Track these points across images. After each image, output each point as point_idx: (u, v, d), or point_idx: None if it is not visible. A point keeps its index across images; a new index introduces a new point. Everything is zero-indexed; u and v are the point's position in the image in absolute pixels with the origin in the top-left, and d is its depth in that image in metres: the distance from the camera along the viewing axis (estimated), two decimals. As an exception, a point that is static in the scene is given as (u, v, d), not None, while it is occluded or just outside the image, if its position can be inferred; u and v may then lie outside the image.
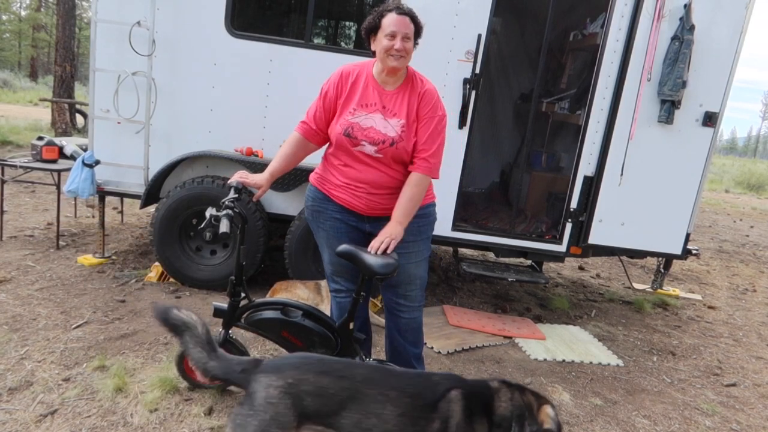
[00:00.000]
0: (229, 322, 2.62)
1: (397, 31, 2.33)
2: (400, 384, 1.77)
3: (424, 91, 2.43)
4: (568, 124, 4.90)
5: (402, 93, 2.42)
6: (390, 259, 2.35)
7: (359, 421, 1.67)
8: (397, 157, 2.40)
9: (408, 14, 2.36)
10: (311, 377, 1.68)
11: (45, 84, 25.95)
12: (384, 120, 2.39)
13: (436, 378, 1.85)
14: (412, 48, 2.39)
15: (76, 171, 3.96)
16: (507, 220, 4.67)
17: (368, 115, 2.40)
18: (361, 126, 2.39)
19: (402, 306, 2.65)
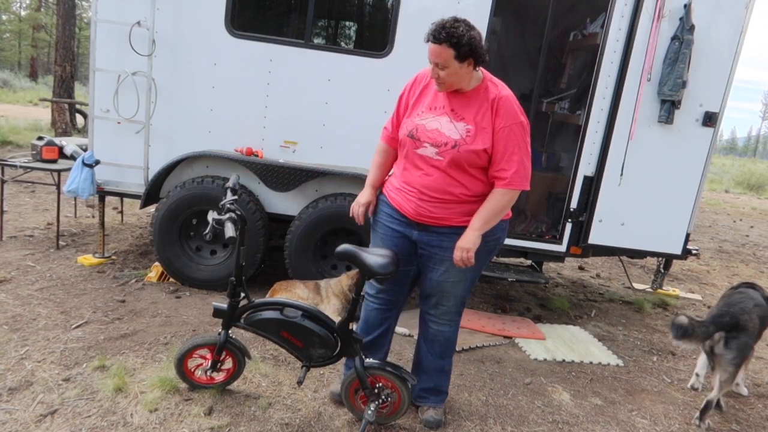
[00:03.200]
0: (229, 323, 2.62)
1: (432, 60, 2.26)
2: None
3: (500, 97, 2.30)
4: (568, 124, 4.90)
5: (473, 98, 2.34)
6: (390, 259, 2.35)
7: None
8: (456, 161, 2.31)
9: (443, 41, 2.19)
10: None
11: (45, 84, 25.96)
12: (450, 123, 2.33)
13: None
14: (453, 72, 2.24)
15: (76, 171, 3.96)
16: (507, 220, 4.66)
17: (435, 118, 2.36)
18: (426, 128, 2.36)
19: (431, 317, 2.64)
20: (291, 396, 2.80)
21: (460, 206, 2.38)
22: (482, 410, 2.90)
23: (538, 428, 2.81)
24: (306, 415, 2.65)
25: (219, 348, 2.64)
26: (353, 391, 2.60)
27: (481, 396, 3.05)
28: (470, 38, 2.19)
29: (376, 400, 2.50)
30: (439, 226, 2.41)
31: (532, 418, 2.89)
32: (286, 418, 2.61)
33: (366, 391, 2.50)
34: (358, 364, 2.48)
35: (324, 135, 3.96)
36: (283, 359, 3.16)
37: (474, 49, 2.20)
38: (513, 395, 3.10)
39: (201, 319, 3.53)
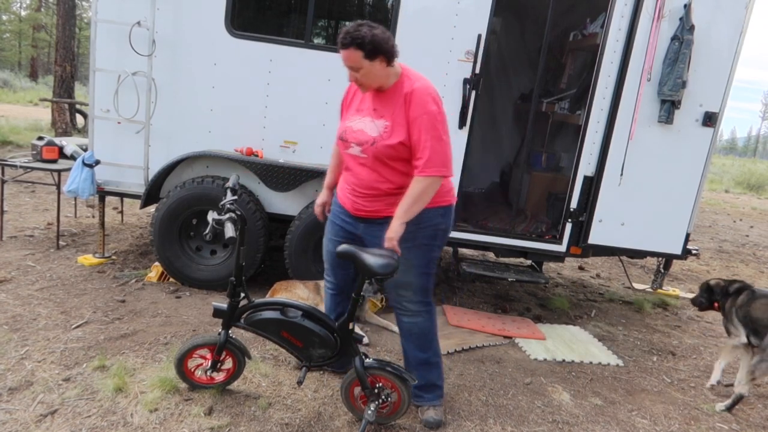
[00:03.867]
0: (229, 323, 2.62)
1: (346, 65, 2.39)
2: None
3: (411, 91, 2.38)
4: (568, 124, 4.90)
5: (391, 94, 2.45)
6: (390, 260, 2.35)
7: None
8: (378, 157, 2.44)
9: (349, 45, 2.31)
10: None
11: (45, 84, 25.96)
12: (372, 122, 2.47)
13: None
14: (367, 72, 2.35)
15: (76, 171, 3.96)
16: (507, 220, 4.67)
17: (361, 119, 2.52)
18: (353, 129, 2.52)
19: (399, 310, 2.71)
20: (291, 396, 2.80)
21: (390, 198, 2.49)
22: (482, 410, 2.90)
23: (538, 428, 2.81)
24: (306, 415, 2.65)
25: (219, 348, 2.64)
26: (353, 391, 2.60)
27: (481, 396, 3.05)
28: (373, 37, 2.29)
29: (376, 400, 2.50)
30: (377, 218, 2.53)
31: (532, 418, 2.89)
32: (286, 418, 2.61)
33: (366, 391, 2.50)
34: (358, 364, 2.48)
35: (324, 135, 3.96)
36: (283, 359, 3.16)
37: (378, 46, 2.31)
38: (513, 395, 3.10)
39: (201, 319, 3.53)
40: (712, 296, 3.54)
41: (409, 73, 2.48)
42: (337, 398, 2.81)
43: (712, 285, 3.56)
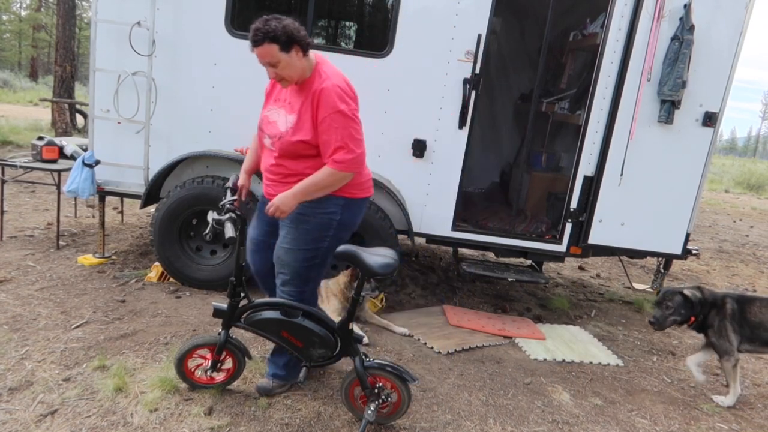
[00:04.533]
0: (229, 323, 2.62)
1: (263, 63, 2.39)
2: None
3: (320, 90, 2.36)
4: (568, 124, 4.90)
5: (304, 89, 2.45)
6: (390, 260, 2.36)
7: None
8: (285, 152, 2.46)
9: (262, 41, 2.31)
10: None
11: (45, 84, 25.95)
12: (285, 115, 2.48)
13: None
14: (286, 65, 2.36)
15: (76, 171, 3.96)
16: (507, 220, 4.67)
17: (276, 110, 2.53)
18: (269, 120, 2.55)
19: (278, 289, 2.69)
20: (291, 396, 2.80)
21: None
22: (482, 410, 2.91)
23: (538, 428, 2.81)
24: (306, 415, 2.65)
25: (219, 348, 2.64)
26: (353, 391, 2.60)
27: (481, 396, 3.05)
28: (284, 28, 2.31)
29: (376, 400, 2.50)
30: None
31: (532, 418, 2.89)
32: (286, 418, 2.61)
33: (366, 391, 2.50)
34: (358, 364, 2.48)
35: (324, 135, 3.95)
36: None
37: (292, 35, 2.32)
38: (513, 395, 3.10)
39: (201, 319, 3.53)
40: (692, 310, 3.18)
41: (322, 69, 2.45)
42: (337, 398, 2.81)
43: (690, 295, 3.16)
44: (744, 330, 3.12)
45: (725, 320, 3.11)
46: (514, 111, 6.08)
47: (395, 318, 3.94)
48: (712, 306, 3.16)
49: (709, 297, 3.17)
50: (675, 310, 3.20)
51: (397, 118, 3.92)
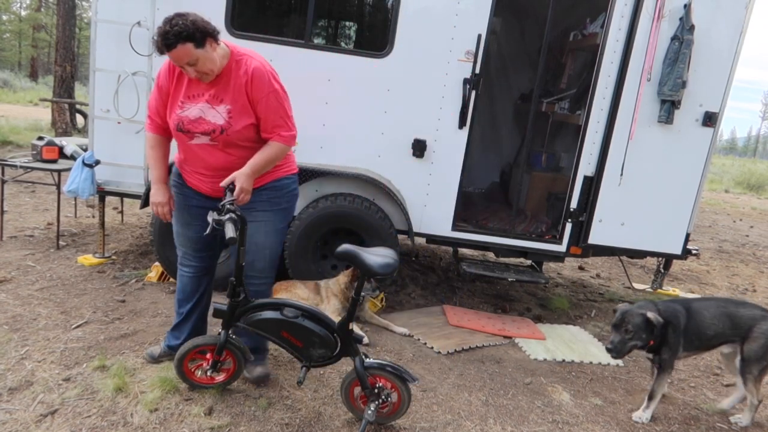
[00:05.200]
0: (229, 323, 2.62)
1: (181, 64, 2.33)
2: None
3: (251, 72, 2.40)
4: (568, 124, 4.90)
5: (226, 76, 2.43)
6: (390, 260, 2.36)
7: None
8: (230, 143, 2.48)
9: (176, 42, 2.24)
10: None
11: (45, 84, 25.94)
12: (212, 108, 2.44)
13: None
14: (204, 59, 2.32)
15: (76, 171, 3.96)
16: (507, 220, 4.67)
17: (195, 106, 2.45)
18: (190, 118, 2.46)
19: (252, 276, 2.69)
20: (291, 396, 2.80)
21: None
22: (482, 410, 2.91)
23: (538, 428, 2.81)
24: (306, 415, 2.65)
25: (219, 348, 2.64)
26: (352, 392, 2.60)
27: (481, 396, 3.05)
28: (193, 23, 2.27)
29: (376, 399, 2.50)
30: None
31: (532, 418, 2.89)
32: (286, 418, 2.61)
33: (366, 391, 2.50)
34: (358, 364, 2.48)
35: (324, 135, 3.96)
36: (283, 359, 3.16)
37: (203, 29, 2.29)
38: (513, 395, 3.10)
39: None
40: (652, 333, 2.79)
41: (239, 51, 2.46)
42: (337, 398, 2.81)
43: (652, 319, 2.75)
44: (688, 338, 2.90)
45: (680, 335, 2.87)
46: (514, 111, 6.08)
47: (395, 318, 3.94)
48: (669, 323, 2.84)
49: (667, 314, 2.84)
50: (635, 334, 2.77)
51: (397, 118, 3.92)
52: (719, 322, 2.88)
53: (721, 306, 2.94)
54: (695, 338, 2.89)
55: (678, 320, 2.85)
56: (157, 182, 2.64)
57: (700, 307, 2.93)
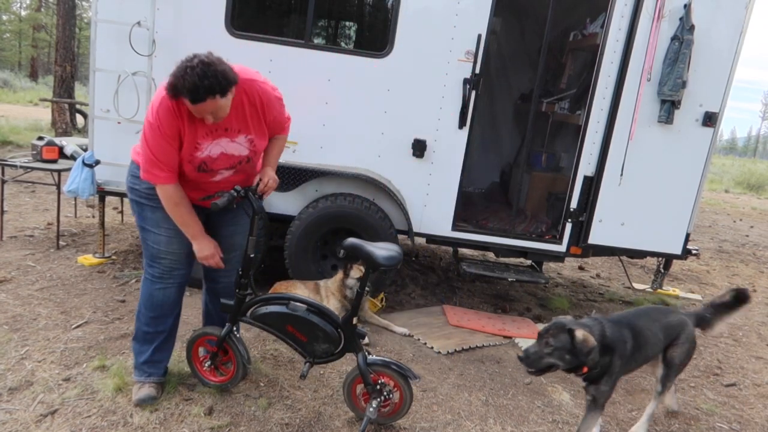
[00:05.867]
0: (236, 317, 2.63)
1: (204, 114, 2.19)
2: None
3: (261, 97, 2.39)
4: (568, 124, 4.90)
5: (238, 109, 2.35)
6: (394, 253, 2.38)
7: None
8: (253, 165, 2.56)
9: (205, 97, 2.09)
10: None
11: (45, 84, 25.94)
12: (232, 142, 2.38)
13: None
14: (225, 106, 2.21)
15: (76, 171, 3.96)
16: (507, 220, 4.67)
17: (215, 142, 2.35)
18: (213, 158, 2.37)
19: (221, 273, 2.69)
20: (291, 396, 2.80)
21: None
22: (482, 410, 2.91)
23: (538, 428, 2.81)
24: (306, 415, 2.65)
25: (220, 340, 2.64)
26: (355, 389, 2.60)
27: (481, 396, 3.05)
28: (223, 75, 2.12)
29: (379, 396, 2.50)
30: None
31: (532, 418, 2.89)
32: (286, 418, 2.61)
33: (368, 388, 2.51)
34: (361, 361, 2.48)
35: (324, 135, 3.96)
36: (283, 360, 3.16)
37: (231, 79, 2.16)
38: (513, 395, 3.10)
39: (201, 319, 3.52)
40: (578, 359, 2.30)
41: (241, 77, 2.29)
42: (337, 398, 2.81)
43: (580, 339, 2.26)
44: (632, 360, 2.54)
45: (624, 363, 2.46)
46: (514, 111, 6.08)
47: (395, 318, 3.94)
48: (615, 350, 2.39)
49: (613, 339, 2.39)
50: (555, 351, 2.30)
51: (397, 118, 3.92)
52: (658, 338, 2.63)
53: (655, 319, 2.67)
54: (636, 360, 2.56)
55: (625, 346, 2.44)
56: (198, 237, 2.47)
57: (642, 326, 2.58)
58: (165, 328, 2.65)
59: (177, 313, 2.72)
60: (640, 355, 2.55)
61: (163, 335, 2.65)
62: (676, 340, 2.71)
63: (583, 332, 2.28)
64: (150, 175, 2.33)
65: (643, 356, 2.59)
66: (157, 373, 2.65)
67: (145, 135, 2.26)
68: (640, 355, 2.56)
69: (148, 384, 2.61)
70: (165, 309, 2.62)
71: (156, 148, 2.25)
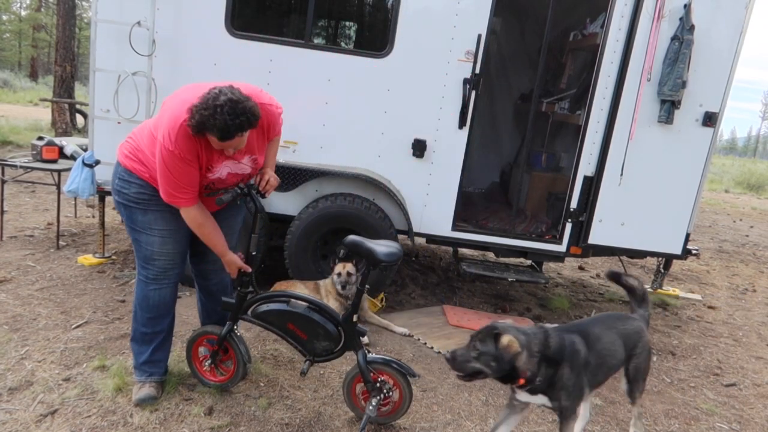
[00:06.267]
0: (237, 315, 2.63)
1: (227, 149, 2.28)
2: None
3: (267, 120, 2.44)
4: (568, 124, 4.90)
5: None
6: (394, 249, 2.39)
7: None
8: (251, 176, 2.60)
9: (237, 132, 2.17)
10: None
11: (45, 84, 25.94)
12: (238, 163, 2.45)
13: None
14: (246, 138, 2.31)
15: (76, 171, 3.96)
16: (507, 220, 4.67)
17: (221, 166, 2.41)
18: (221, 178, 2.46)
19: (211, 272, 2.72)
20: (291, 396, 2.80)
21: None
22: (482, 410, 2.90)
23: (538, 428, 2.81)
24: (306, 415, 2.65)
25: (221, 338, 2.64)
26: (355, 388, 2.60)
27: (481, 396, 3.05)
28: (252, 112, 2.17)
29: (378, 394, 2.50)
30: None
31: (532, 418, 2.89)
32: (286, 418, 2.61)
33: (368, 386, 2.51)
34: (361, 359, 2.49)
35: (324, 135, 3.96)
36: (283, 359, 3.16)
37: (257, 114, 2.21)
38: (513, 395, 3.10)
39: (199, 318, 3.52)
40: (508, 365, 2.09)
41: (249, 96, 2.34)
42: (337, 398, 2.81)
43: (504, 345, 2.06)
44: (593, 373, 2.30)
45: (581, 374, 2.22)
46: (514, 111, 6.08)
47: (395, 318, 3.94)
48: (559, 359, 2.17)
49: (556, 350, 2.16)
50: (481, 356, 2.10)
51: (397, 118, 3.92)
52: (618, 345, 2.38)
53: (612, 326, 2.43)
54: (600, 371, 2.32)
55: (578, 356, 2.20)
56: (227, 252, 2.52)
57: (598, 333, 2.35)
58: (163, 327, 2.65)
59: (174, 313, 2.73)
60: (601, 365, 2.30)
61: (162, 335, 2.66)
62: (634, 350, 2.45)
63: (509, 338, 2.05)
64: (174, 199, 2.33)
65: (606, 366, 2.34)
66: (157, 373, 2.66)
67: (164, 161, 2.25)
68: (602, 366, 2.31)
69: (148, 384, 2.62)
70: (161, 309, 2.61)
71: (178, 172, 2.27)
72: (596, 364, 2.27)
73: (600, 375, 2.34)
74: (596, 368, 2.28)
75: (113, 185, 2.51)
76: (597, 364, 2.28)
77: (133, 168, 2.43)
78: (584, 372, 2.22)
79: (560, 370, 2.16)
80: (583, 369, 2.22)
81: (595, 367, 2.27)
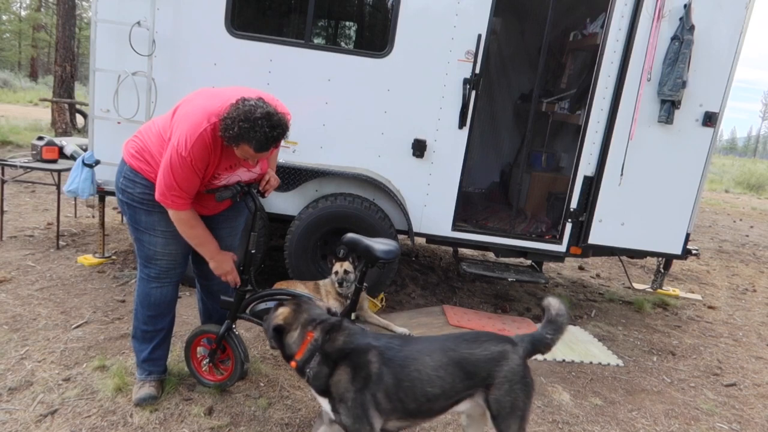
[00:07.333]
0: (235, 314, 2.63)
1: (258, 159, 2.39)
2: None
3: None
4: (568, 124, 4.90)
5: None
6: (392, 246, 2.40)
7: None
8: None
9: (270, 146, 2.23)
10: None
11: (45, 84, 25.95)
12: (247, 171, 2.50)
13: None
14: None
15: (76, 171, 3.96)
16: (507, 220, 4.67)
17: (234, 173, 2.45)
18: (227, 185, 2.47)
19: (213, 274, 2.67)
20: (291, 396, 2.80)
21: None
22: (482, 410, 2.90)
23: (538, 428, 2.81)
24: (306, 415, 2.65)
25: (219, 337, 2.64)
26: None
27: (481, 396, 3.04)
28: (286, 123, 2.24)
29: None
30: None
31: (532, 418, 2.89)
32: (286, 418, 2.61)
33: None
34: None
35: (324, 135, 3.96)
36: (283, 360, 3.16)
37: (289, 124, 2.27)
38: (513, 395, 3.10)
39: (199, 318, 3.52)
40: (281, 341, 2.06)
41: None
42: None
43: (276, 315, 2.05)
44: (393, 397, 1.94)
45: (365, 391, 1.92)
46: (514, 111, 6.08)
47: (395, 318, 3.94)
48: (336, 359, 1.95)
49: (344, 350, 1.96)
50: (268, 322, 2.08)
51: (397, 118, 3.92)
52: (446, 372, 1.96)
53: (450, 349, 2.01)
54: (408, 397, 1.94)
55: (361, 366, 1.93)
56: (216, 255, 2.51)
57: (417, 351, 2.00)
58: (163, 325, 2.66)
59: (174, 311, 2.74)
60: (408, 389, 1.92)
61: (162, 333, 2.66)
62: (489, 380, 2.00)
63: (283, 309, 1.96)
64: (167, 200, 2.32)
65: (418, 393, 1.93)
66: (157, 371, 2.66)
67: (172, 164, 2.24)
68: (411, 391, 1.93)
69: (148, 383, 2.62)
70: (162, 307, 2.61)
71: (181, 178, 2.26)
72: (396, 385, 1.92)
73: (409, 402, 1.94)
74: (398, 391, 1.92)
75: (117, 183, 2.50)
76: (398, 386, 1.92)
77: (139, 168, 2.43)
78: (373, 390, 1.91)
79: (337, 373, 1.93)
80: (372, 385, 1.92)
81: (395, 388, 1.92)
